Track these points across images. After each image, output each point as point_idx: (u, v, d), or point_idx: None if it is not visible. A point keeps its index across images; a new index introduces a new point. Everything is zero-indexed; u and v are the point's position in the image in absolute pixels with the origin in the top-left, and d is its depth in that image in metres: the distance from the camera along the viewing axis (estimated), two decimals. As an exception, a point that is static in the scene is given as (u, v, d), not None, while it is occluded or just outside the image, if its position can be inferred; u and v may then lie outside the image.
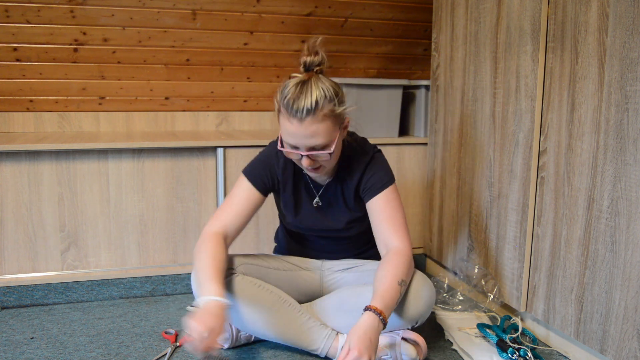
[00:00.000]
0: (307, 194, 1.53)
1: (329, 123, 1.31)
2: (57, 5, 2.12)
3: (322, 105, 1.29)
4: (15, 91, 2.16)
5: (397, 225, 1.42)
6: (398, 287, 1.30)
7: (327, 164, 1.39)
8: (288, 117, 1.30)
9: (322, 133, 1.30)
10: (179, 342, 1.53)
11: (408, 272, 1.36)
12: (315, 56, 1.36)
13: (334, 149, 1.34)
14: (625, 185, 1.23)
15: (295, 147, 1.33)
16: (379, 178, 1.45)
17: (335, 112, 1.32)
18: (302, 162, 1.35)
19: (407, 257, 1.37)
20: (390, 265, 1.34)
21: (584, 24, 1.33)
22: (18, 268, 1.82)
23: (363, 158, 1.48)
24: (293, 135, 1.31)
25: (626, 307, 1.23)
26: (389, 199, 1.44)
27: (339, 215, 1.53)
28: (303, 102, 1.27)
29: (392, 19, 2.52)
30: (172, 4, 2.24)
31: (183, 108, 2.36)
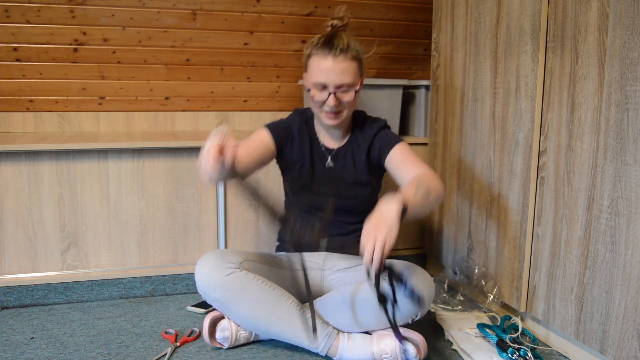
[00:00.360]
0: (320, 156, 1.62)
1: (356, 65, 1.49)
2: (57, 5, 2.12)
3: (353, 47, 1.48)
4: (15, 91, 2.16)
5: (420, 167, 1.47)
6: (415, 185, 1.32)
7: (347, 108, 1.51)
8: (323, 55, 1.46)
9: (352, 71, 1.47)
10: (179, 342, 1.53)
11: (434, 180, 1.39)
12: (340, 20, 1.54)
13: (358, 90, 1.49)
14: (625, 185, 1.23)
15: (324, 87, 1.46)
16: (392, 137, 1.58)
17: (360, 57, 1.51)
18: (329, 101, 1.46)
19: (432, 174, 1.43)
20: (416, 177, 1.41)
21: (584, 24, 1.33)
22: (18, 268, 1.82)
23: (374, 125, 1.61)
24: (326, 72, 1.45)
25: (626, 307, 1.23)
26: (407, 150, 1.54)
27: (347, 179, 1.60)
28: (337, 43, 1.46)
29: (392, 19, 2.52)
30: (172, 4, 2.24)
31: (183, 108, 2.36)
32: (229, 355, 1.47)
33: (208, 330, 1.47)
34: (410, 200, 1.23)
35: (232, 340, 1.49)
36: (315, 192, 1.60)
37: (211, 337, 1.48)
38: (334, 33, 1.50)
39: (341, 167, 1.61)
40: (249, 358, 1.46)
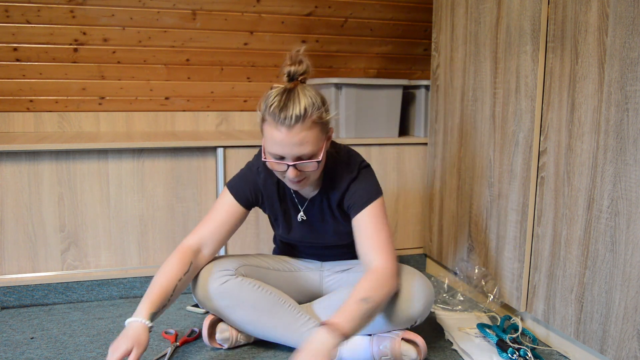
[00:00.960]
0: (293, 208, 1.50)
1: (317, 131, 1.28)
2: (57, 5, 2.12)
3: (311, 112, 1.25)
4: (15, 91, 2.16)
5: (379, 242, 1.36)
6: (360, 304, 1.22)
7: (312, 175, 1.34)
8: (275, 126, 1.25)
9: (311, 141, 1.27)
10: (179, 342, 1.53)
11: (379, 290, 1.28)
12: (299, 65, 1.31)
13: (321, 159, 1.30)
14: (625, 185, 1.23)
15: (281, 158, 1.28)
16: (362, 194, 1.40)
17: (323, 120, 1.29)
18: (288, 173, 1.29)
19: (380, 275, 1.30)
20: (359, 284, 1.28)
21: (584, 24, 1.33)
22: (18, 268, 1.82)
23: (347, 174, 1.43)
24: (280, 144, 1.26)
25: (626, 307, 1.23)
26: (372, 215, 1.38)
27: (327, 228, 1.50)
28: (292, 109, 1.24)
29: (392, 19, 2.52)
30: (172, 4, 2.24)
31: (183, 108, 2.36)
32: (228, 356, 1.47)
33: (207, 332, 1.47)
34: (348, 332, 1.18)
35: (232, 341, 1.49)
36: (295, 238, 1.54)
37: (210, 339, 1.48)
38: (289, 91, 1.28)
39: (318, 218, 1.49)
40: (249, 358, 1.46)
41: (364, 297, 1.24)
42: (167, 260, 1.37)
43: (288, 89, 1.29)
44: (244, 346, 1.52)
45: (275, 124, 1.25)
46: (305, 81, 1.35)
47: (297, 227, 1.52)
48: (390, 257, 1.34)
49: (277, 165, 1.30)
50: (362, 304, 1.22)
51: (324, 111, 1.30)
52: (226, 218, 1.43)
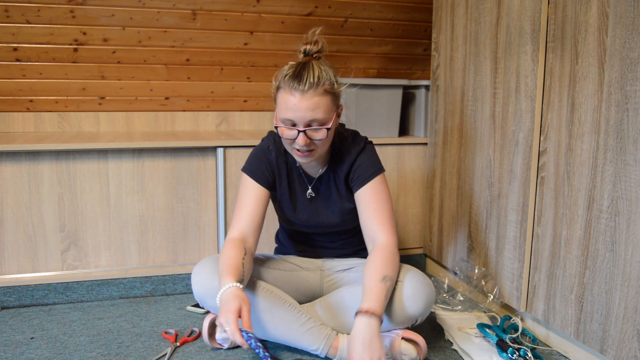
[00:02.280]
0: (301, 187, 1.54)
1: (329, 100, 1.34)
2: (57, 5, 2.12)
3: (324, 81, 1.33)
4: (15, 91, 2.16)
5: (383, 217, 1.43)
6: (382, 285, 1.31)
7: (320, 146, 1.39)
8: (290, 91, 1.32)
9: (323, 107, 1.33)
10: (179, 342, 1.53)
11: (392, 266, 1.37)
12: (314, 45, 1.39)
13: (330, 127, 1.36)
14: (625, 185, 1.23)
15: (293, 125, 1.34)
16: (366, 168, 1.46)
17: (334, 90, 1.36)
18: (298, 140, 1.34)
19: (390, 252, 1.39)
20: (373, 263, 1.36)
21: (584, 24, 1.33)
22: (18, 268, 1.82)
23: (354, 147, 1.49)
24: (293, 109, 1.31)
25: (626, 307, 1.23)
26: (376, 190, 1.45)
27: (333, 208, 1.53)
28: (306, 75, 1.31)
29: (392, 19, 2.52)
30: (172, 4, 2.24)
31: (183, 108, 2.36)
32: (228, 355, 1.47)
33: (207, 331, 1.47)
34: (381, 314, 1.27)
35: (231, 341, 1.49)
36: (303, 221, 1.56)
37: (211, 338, 1.48)
38: (304, 63, 1.36)
39: (325, 197, 1.53)
40: (249, 358, 1.46)
41: (383, 276, 1.32)
42: (222, 251, 1.39)
43: (303, 62, 1.37)
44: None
45: (290, 90, 1.32)
46: (319, 59, 1.41)
47: (304, 206, 1.54)
48: (393, 231, 1.43)
49: (288, 131, 1.35)
50: (383, 283, 1.31)
51: (335, 83, 1.37)
52: (255, 206, 1.46)
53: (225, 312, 1.20)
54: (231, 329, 1.18)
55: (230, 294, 1.23)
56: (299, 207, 1.54)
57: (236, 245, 1.39)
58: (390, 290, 1.33)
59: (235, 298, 1.22)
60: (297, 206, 1.54)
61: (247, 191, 1.48)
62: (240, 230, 1.44)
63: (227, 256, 1.35)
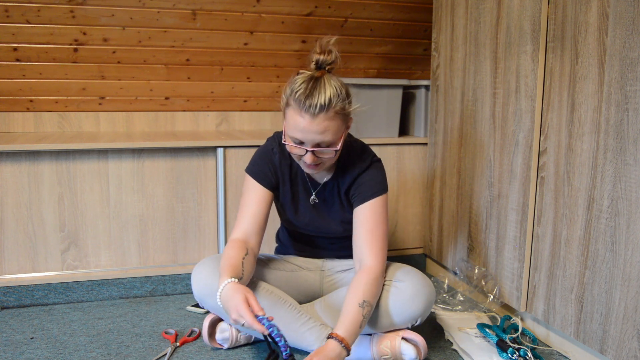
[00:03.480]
0: (305, 192, 1.53)
1: (339, 121, 1.32)
2: (57, 5, 2.12)
3: (335, 103, 1.29)
4: (15, 91, 2.16)
5: (376, 240, 1.41)
6: (359, 309, 1.28)
7: (328, 162, 1.38)
8: (300, 112, 1.28)
9: (332, 130, 1.30)
10: (179, 342, 1.53)
11: (373, 291, 1.34)
12: (328, 55, 1.35)
13: (339, 147, 1.34)
14: (625, 185, 1.23)
15: (301, 143, 1.32)
16: (369, 186, 1.44)
17: (345, 111, 1.33)
18: (306, 158, 1.33)
19: (374, 277, 1.35)
20: (355, 286, 1.33)
21: (584, 24, 1.33)
22: (18, 268, 1.82)
23: (360, 163, 1.47)
24: (302, 131, 1.29)
25: (626, 307, 1.23)
26: (374, 211, 1.43)
27: (335, 215, 1.52)
28: (317, 98, 1.27)
29: (392, 19, 2.52)
30: (172, 4, 2.24)
31: (183, 108, 2.36)
32: (228, 355, 1.47)
33: (207, 332, 1.47)
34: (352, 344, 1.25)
35: (232, 341, 1.49)
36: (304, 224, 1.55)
37: (211, 338, 1.48)
38: (316, 79, 1.31)
39: (328, 204, 1.52)
40: (249, 358, 1.46)
41: (362, 301, 1.30)
42: (224, 252, 1.38)
43: (315, 77, 1.31)
44: (244, 346, 1.52)
45: (300, 111, 1.28)
46: (332, 71, 1.37)
47: (306, 210, 1.53)
48: (382, 257, 1.41)
49: (296, 149, 1.34)
50: (361, 309, 1.29)
51: (348, 103, 1.33)
52: (258, 207, 1.45)
53: (235, 307, 1.18)
54: (248, 321, 1.16)
55: (230, 289, 1.23)
56: (301, 210, 1.54)
57: (237, 245, 1.38)
58: (367, 317, 1.30)
59: (237, 291, 1.21)
60: (299, 210, 1.54)
61: (250, 193, 1.47)
62: (243, 231, 1.43)
63: (227, 256, 1.35)
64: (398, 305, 1.38)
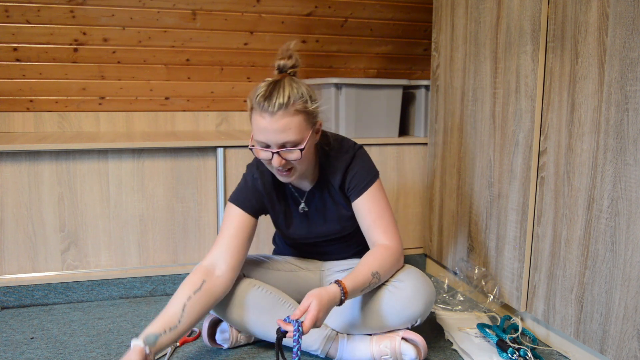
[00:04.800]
0: (294, 203, 1.52)
1: (301, 119, 1.30)
2: (57, 5, 2.12)
3: (294, 101, 1.28)
4: (15, 91, 2.16)
5: (386, 224, 1.43)
6: (370, 277, 1.32)
7: (298, 166, 1.35)
8: (260, 112, 1.28)
9: (294, 128, 1.29)
10: (179, 342, 1.53)
11: (388, 267, 1.37)
12: (288, 59, 1.37)
13: (304, 147, 1.31)
14: (625, 185, 1.23)
15: (267, 146, 1.31)
16: (361, 176, 1.44)
17: (307, 109, 1.31)
18: (273, 161, 1.31)
19: (391, 252, 1.39)
20: (371, 256, 1.37)
21: (584, 24, 1.33)
22: (18, 268, 1.82)
23: (343, 155, 1.46)
24: (264, 131, 1.28)
25: (626, 307, 1.23)
26: (374, 198, 1.44)
27: (331, 216, 1.51)
28: (275, 97, 1.27)
29: (392, 19, 2.52)
30: (172, 4, 2.24)
31: (183, 108, 2.36)
32: (228, 356, 1.47)
33: (208, 332, 1.47)
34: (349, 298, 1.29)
35: (232, 342, 1.49)
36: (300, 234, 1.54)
37: (211, 339, 1.48)
38: (276, 82, 1.32)
39: (320, 208, 1.51)
40: (249, 358, 1.46)
41: (375, 271, 1.33)
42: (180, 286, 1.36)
43: (275, 80, 1.33)
44: (244, 346, 1.52)
45: (260, 112, 1.29)
46: (295, 75, 1.38)
47: (298, 221, 1.52)
48: (398, 237, 1.44)
49: (263, 153, 1.33)
50: (371, 277, 1.32)
51: (309, 101, 1.32)
52: (235, 231, 1.42)
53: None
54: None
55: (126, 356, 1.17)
56: (295, 223, 1.52)
57: (193, 277, 1.35)
58: (372, 286, 1.35)
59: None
60: (292, 224, 1.52)
61: (228, 218, 1.44)
62: (211, 257, 1.39)
63: (173, 296, 1.31)
64: (398, 305, 1.38)
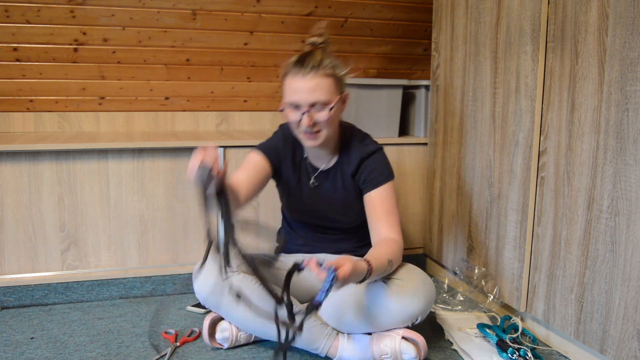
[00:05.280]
0: (306, 178, 1.58)
1: (330, 82, 1.41)
2: (57, 5, 2.12)
3: (325, 65, 1.41)
4: (15, 91, 2.16)
5: (394, 220, 1.49)
6: (386, 263, 1.35)
7: (324, 129, 1.43)
8: (293, 75, 1.40)
9: (324, 88, 1.40)
10: (179, 342, 1.53)
11: (397, 256, 1.42)
12: (319, 37, 1.48)
13: (333, 107, 1.41)
14: (625, 185, 1.23)
15: (297, 107, 1.40)
16: (380, 172, 1.51)
17: (336, 74, 1.43)
18: (302, 121, 1.40)
19: (399, 246, 1.45)
20: (384, 245, 1.42)
21: (584, 24, 1.33)
22: (18, 268, 1.82)
23: (364, 147, 1.54)
24: (296, 91, 1.39)
25: (626, 307, 1.23)
26: (387, 195, 1.50)
27: (337, 198, 1.57)
28: (308, 61, 1.40)
29: (392, 19, 2.52)
30: (172, 4, 2.24)
31: (183, 108, 2.36)
32: (228, 355, 1.47)
33: (208, 331, 1.47)
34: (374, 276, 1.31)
35: (232, 341, 1.49)
36: (305, 210, 1.61)
37: (211, 338, 1.48)
38: (308, 52, 1.44)
39: (330, 187, 1.58)
40: (249, 358, 1.46)
41: (389, 259, 1.37)
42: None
43: (307, 51, 1.45)
44: (244, 346, 1.52)
45: (294, 74, 1.41)
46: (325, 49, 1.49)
47: (307, 195, 1.59)
48: (401, 235, 1.49)
49: (293, 114, 1.42)
50: (387, 264, 1.36)
51: (338, 68, 1.45)
52: (253, 171, 1.51)
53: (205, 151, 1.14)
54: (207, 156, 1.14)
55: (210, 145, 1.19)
56: (303, 195, 1.59)
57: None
58: (384, 274, 1.38)
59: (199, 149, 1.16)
60: (301, 196, 1.59)
61: (246, 160, 1.55)
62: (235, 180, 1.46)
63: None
64: (398, 303, 1.38)
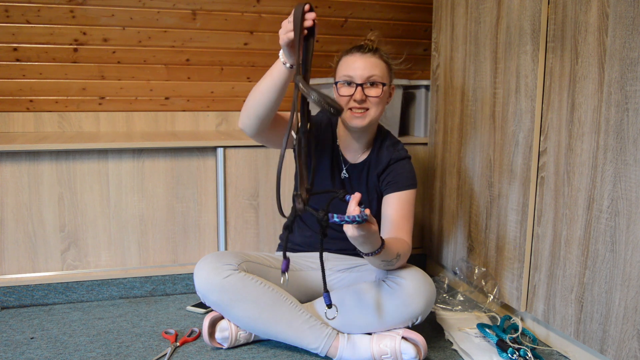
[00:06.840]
0: (337, 168, 1.62)
1: (385, 67, 1.51)
2: (57, 5, 2.12)
3: (381, 52, 1.52)
4: (15, 91, 2.16)
5: (408, 226, 1.53)
6: (395, 254, 1.37)
7: (372, 107, 1.49)
8: (351, 54, 1.50)
9: (380, 68, 1.49)
10: (179, 342, 1.53)
11: (406, 255, 1.44)
12: (371, 42, 1.55)
13: (384, 89, 1.49)
14: (625, 185, 1.23)
15: (351, 83, 1.47)
16: (406, 178, 1.55)
17: (389, 62, 1.53)
18: (355, 94, 1.45)
19: (409, 247, 1.47)
20: (397, 241, 1.42)
21: (584, 24, 1.33)
22: (18, 268, 1.82)
23: (395, 151, 1.59)
24: (353, 65, 1.47)
25: (626, 307, 1.23)
26: (408, 201, 1.54)
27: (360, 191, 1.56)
28: (366, 45, 1.51)
29: (392, 19, 2.52)
30: (172, 4, 2.24)
31: (183, 108, 2.36)
32: (228, 355, 1.47)
33: (207, 331, 1.47)
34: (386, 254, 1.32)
35: (231, 341, 1.49)
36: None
37: (211, 338, 1.48)
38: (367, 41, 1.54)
39: (356, 183, 1.61)
40: (249, 358, 1.46)
41: (399, 254, 1.39)
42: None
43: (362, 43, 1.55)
44: (244, 346, 1.52)
45: (352, 54, 1.51)
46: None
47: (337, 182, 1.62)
48: (410, 239, 1.53)
49: (346, 88, 1.49)
50: (395, 256, 1.38)
51: (391, 60, 1.55)
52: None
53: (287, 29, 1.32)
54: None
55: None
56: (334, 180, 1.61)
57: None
58: (389, 265, 1.40)
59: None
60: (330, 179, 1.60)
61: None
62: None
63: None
64: (399, 302, 1.38)
